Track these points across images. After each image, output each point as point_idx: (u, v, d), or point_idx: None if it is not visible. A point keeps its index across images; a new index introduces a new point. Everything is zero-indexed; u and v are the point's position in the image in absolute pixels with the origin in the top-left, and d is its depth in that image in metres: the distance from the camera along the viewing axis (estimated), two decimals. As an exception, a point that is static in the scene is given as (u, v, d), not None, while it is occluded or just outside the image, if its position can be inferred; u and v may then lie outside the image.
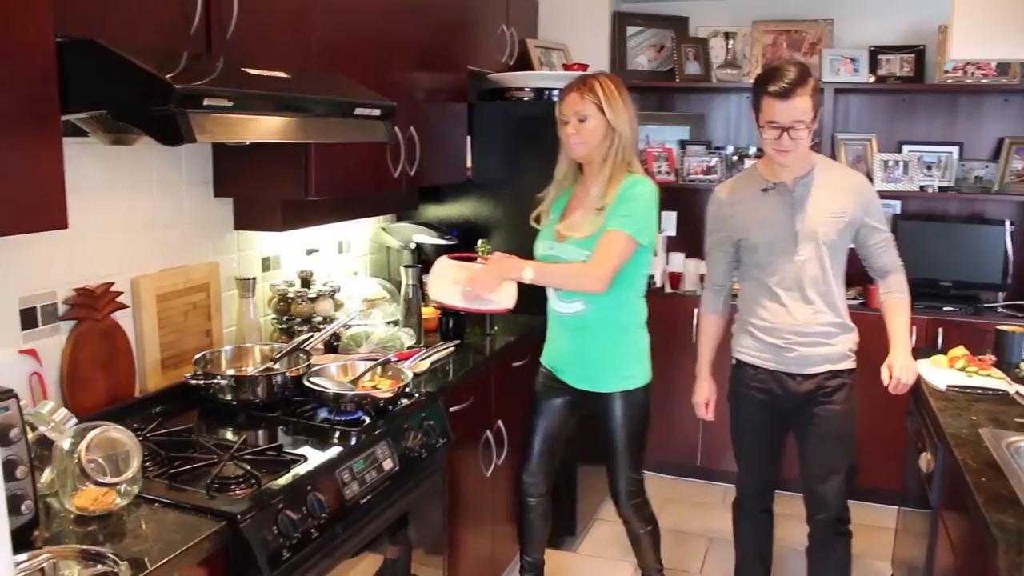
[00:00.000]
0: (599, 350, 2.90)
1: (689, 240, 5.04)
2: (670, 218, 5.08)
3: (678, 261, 4.79)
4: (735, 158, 4.83)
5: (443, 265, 2.95)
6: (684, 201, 5.10)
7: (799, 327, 2.88)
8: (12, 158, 1.68)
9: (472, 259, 2.99)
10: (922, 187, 4.53)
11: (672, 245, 4.97)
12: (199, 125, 1.83)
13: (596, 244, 2.75)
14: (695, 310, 4.63)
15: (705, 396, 3.15)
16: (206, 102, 1.84)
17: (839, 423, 2.91)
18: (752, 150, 4.83)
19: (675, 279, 4.75)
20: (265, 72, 2.20)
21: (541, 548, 3.23)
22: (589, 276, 2.75)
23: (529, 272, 2.79)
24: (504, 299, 2.85)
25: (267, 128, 2.10)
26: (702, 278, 4.70)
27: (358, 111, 2.44)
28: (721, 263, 3.07)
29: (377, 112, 2.51)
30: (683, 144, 5.00)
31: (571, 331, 2.92)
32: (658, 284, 4.78)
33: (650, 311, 4.79)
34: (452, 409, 2.88)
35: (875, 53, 4.62)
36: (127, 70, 1.78)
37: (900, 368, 2.82)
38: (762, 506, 3.18)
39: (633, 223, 2.74)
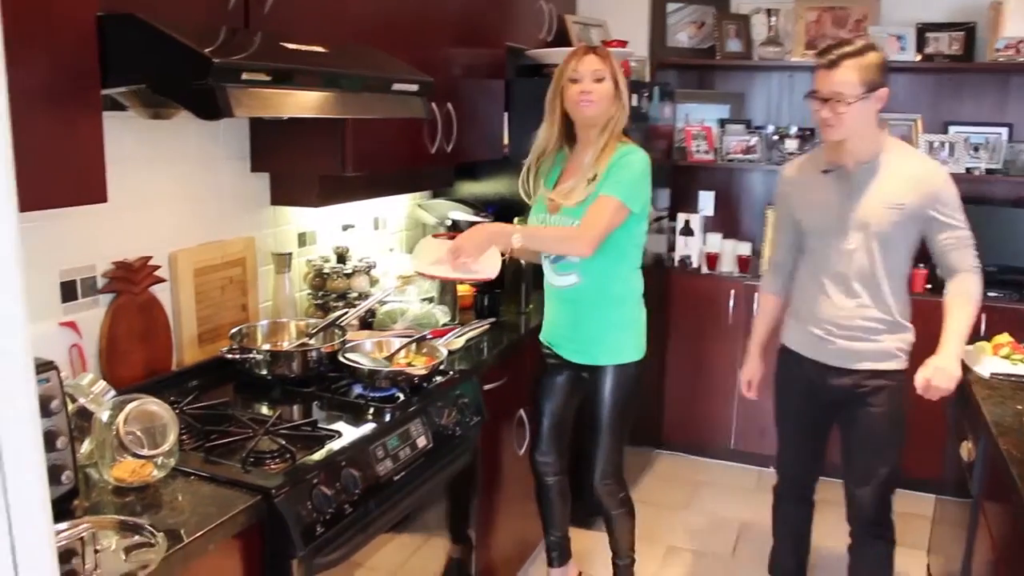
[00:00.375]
0: (593, 322, 2.89)
1: (727, 221, 5.03)
2: (708, 198, 5.05)
3: (715, 241, 4.76)
4: (775, 138, 4.78)
5: (426, 243, 2.95)
6: (723, 181, 5.07)
7: (840, 319, 2.76)
8: (53, 131, 1.70)
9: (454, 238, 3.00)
10: (968, 169, 4.45)
11: (710, 225, 4.94)
12: (237, 99, 1.85)
13: (586, 209, 2.75)
14: (732, 291, 4.61)
15: (750, 374, 3.12)
16: (244, 76, 1.86)
17: (880, 428, 2.77)
18: (793, 129, 4.78)
19: (712, 260, 4.72)
20: (303, 47, 2.21)
21: (563, 526, 3.24)
22: (577, 239, 2.73)
23: (517, 237, 2.76)
24: (487, 268, 2.80)
25: (305, 103, 2.11)
26: (739, 259, 4.70)
27: (395, 87, 2.44)
28: (781, 242, 3.00)
29: (414, 88, 2.51)
30: (722, 123, 4.96)
31: (566, 304, 2.92)
32: (695, 264, 4.76)
33: (686, 292, 4.80)
34: (486, 387, 2.89)
35: (923, 31, 4.54)
36: (166, 44, 1.79)
37: (934, 369, 2.59)
38: (800, 494, 3.12)
39: (624, 189, 2.73)
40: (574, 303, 2.90)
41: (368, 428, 2.27)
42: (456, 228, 3.56)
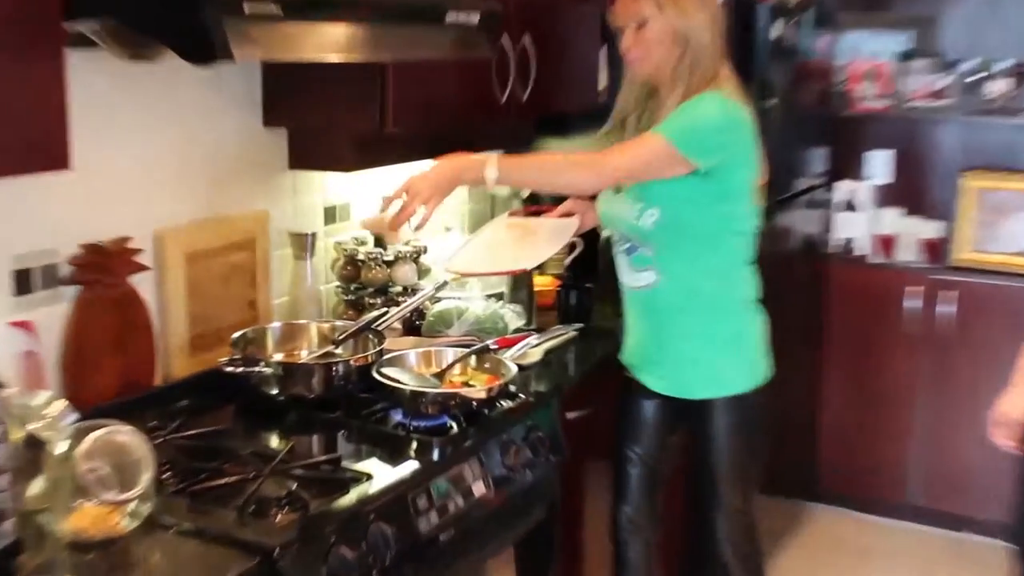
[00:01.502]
0: (683, 340, 2.84)
1: (909, 190, 4.92)
2: (881, 159, 4.95)
3: (891, 219, 4.69)
4: (976, 77, 4.67)
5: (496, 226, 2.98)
6: (902, 137, 4.97)
7: None
8: (-1, 77, 1.74)
9: (538, 213, 3.00)
10: None
11: (883, 197, 4.85)
12: (239, 38, 1.88)
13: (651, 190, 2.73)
14: (913, 288, 4.53)
15: (1019, 412, 2.99)
16: (248, 8, 1.88)
17: None
18: (1003, 65, 4.64)
19: (886, 244, 4.65)
20: (327, -34, 2.22)
21: None
22: (584, 166, 2.69)
23: (492, 169, 2.58)
24: (531, 251, 2.87)
25: (329, 41, 2.14)
26: (925, 244, 4.61)
27: (450, 17, 2.45)
28: None
29: (476, 18, 2.51)
30: (904, 57, 4.85)
31: (645, 313, 2.88)
32: (861, 250, 4.69)
33: (848, 288, 4.72)
34: (569, 415, 2.88)
35: None
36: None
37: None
38: None
39: (677, 129, 2.65)
40: (656, 313, 2.86)
41: (408, 469, 2.28)
42: (536, 202, 3.56)
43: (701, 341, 2.83)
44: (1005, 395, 3.02)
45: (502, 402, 2.63)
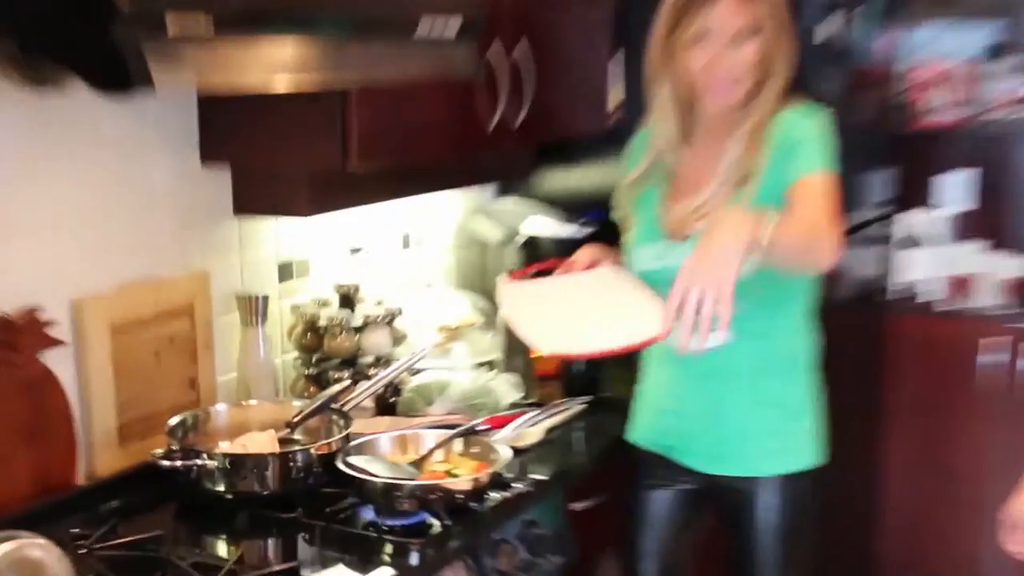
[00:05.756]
0: (750, 409, 2.83)
1: (990, 221, 4.92)
2: (956, 184, 4.95)
3: (968, 255, 4.68)
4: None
5: (518, 292, 2.89)
6: (983, 155, 4.97)
7: None
8: None
9: (549, 271, 2.93)
10: None
11: (959, 229, 4.85)
12: (161, 62, 1.88)
13: (790, 199, 2.64)
14: (995, 340, 4.51)
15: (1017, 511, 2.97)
16: (172, 23, 1.89)
17: None
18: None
19: (961, 286, 4.65)
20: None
21: None
22: (823, 236, 2.53)
23: (768, 228, 2.40)
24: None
25: (276, 62, 2.16)
26: (1011, 285, 4.58)
27: (423, 28, 2.47)
28: None
29: (454, 28, 2.53)
30: (989, 55, 4.87)
31: (703, 382, 2.85)
32: (928, 296, 4.72)
33: (913, 342, 4.73)
34: (576, 506, 2.89)
35: None
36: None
37: None
38: None
39: (832, 160, 2.66)
40: (717, 379, 2.84)
41: (381, 577, 2.28)
42: (563, 251, 3.49)
43: (772, 409, 2.84)
44: (1020, 494, 2.93)
45: (494, 493, 2.63)
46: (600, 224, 3.78)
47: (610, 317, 2.70)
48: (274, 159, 2.88)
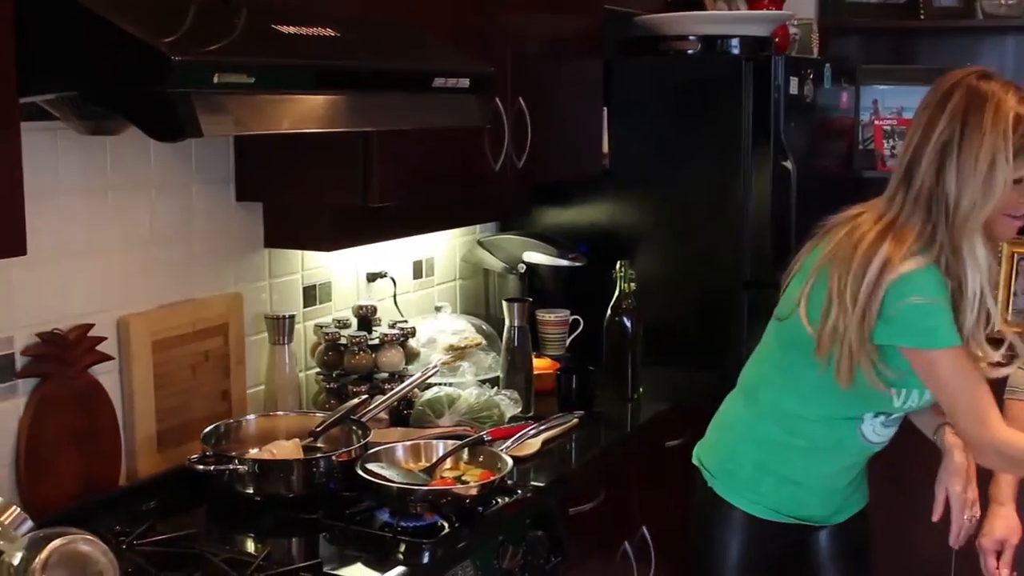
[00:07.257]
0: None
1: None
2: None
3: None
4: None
5: None
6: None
7: None
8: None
9: None
10: None
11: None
12: (208, 112, 1.89)
13: None
14: None
15: (999, 534, 2.79)
16: (218, 79, 1.90)
17: None
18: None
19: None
20: (305, 30, 2.25)
21: None
22: None
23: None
24: None
25: (307, 111, 2.16)
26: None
27: (438, 82, 2.48)
28: None
29: (466, 83, 2.54)
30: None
31: (861, 463, 2.82)
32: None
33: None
34: (572, 511, 2.88)
35: None
36: (105, 33, 1.85)
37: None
38: None
39: None
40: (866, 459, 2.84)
41: (396, 574, 2.28)
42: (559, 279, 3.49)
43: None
44: (995, 517, 2.81)
45: (498, 499, 2.64)
46: (587, 256, 3.80)
47: None
48: (301, 197, 2.90)
